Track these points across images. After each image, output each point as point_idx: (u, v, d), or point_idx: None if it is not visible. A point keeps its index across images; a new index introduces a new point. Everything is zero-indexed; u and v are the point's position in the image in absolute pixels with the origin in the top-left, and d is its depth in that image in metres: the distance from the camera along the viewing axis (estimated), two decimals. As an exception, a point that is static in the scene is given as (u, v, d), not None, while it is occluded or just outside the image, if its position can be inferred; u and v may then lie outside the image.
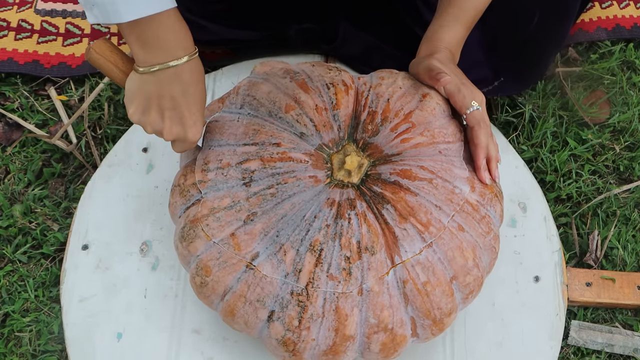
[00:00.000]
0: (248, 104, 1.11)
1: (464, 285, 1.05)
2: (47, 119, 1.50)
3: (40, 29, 1.60)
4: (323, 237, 1.00)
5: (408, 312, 1.03)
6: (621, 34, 1.59)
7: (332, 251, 1.00)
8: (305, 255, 1.00)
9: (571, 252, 1.37)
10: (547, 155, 1.43)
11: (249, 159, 1.05)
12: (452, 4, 1.15)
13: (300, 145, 1.07)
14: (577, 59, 1.57)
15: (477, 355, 1.24)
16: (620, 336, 1.29)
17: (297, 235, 1.01)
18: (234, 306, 1.04)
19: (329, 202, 1.03)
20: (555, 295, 1.29)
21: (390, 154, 1.07)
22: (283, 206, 1.02)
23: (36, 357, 1.27)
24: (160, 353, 1.23)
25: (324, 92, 1.11)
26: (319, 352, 1.03)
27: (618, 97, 1.52)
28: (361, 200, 1.04)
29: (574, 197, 1.41)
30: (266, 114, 1.09)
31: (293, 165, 1.04)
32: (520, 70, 1.41)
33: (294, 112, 1.08)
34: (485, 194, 1.08)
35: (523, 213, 1.35)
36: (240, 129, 1.08)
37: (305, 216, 1.01)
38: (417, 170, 1.05)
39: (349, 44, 1.46)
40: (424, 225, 1.01)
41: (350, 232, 1.01)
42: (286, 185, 1.03)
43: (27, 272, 1.34)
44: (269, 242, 1.01)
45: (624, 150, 1.47)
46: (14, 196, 1.42)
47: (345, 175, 1.06)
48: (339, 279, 0.99)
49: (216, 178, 1.05)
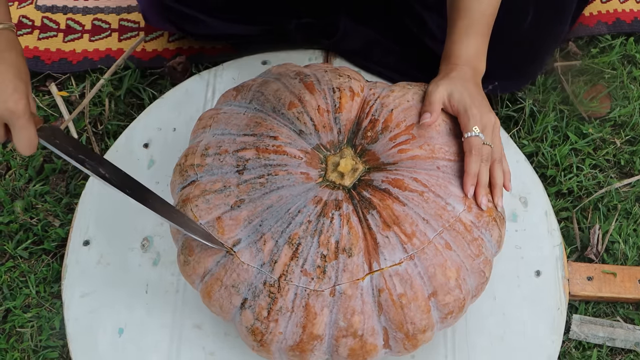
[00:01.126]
0: (256, 99, 1.14)
1: (442, 304, 1.03)
2: (48, 114, 1.50)
3: (41, 25, 1.60)
4: (303, 232, 1.01)
5: (381, 321, 1.02)
6: (621, 28, 1.59)
7: (309, 247, 1.00)
8: (283, 247, 1.01)
9: (572, 247, 1.37)
10: (548, 150, 1.43)
11: (245, 148, 1.07)
12: (461, 16, 1.15)
13: (297, 142, 1.08)
14: (578, 53, 1.57)
15: (479, 349, 1.24)
16: (622, 330, 1.29)
17: (279, 227, 1.02)
18: (211, 289, 1.05)
19: (316, 199, 1.04)
20: (556, 289, 1.29)
21: (386, 163, 1.08)
22: (270, 197, 1.04)
23: (38, 352, 1.27)
24: (161, 348, 1.23)
25: (329, 95, 1.12)
26: (285, 346, 1.03)
27: (618, 91, 1.52)
28: (348, 202, 1.04)
29: (574, 191, 1.41)
30: (270, 109, 1.12)
31: (286, 160, 1.06)
32: (516, 68, 1.41)
33: (295, 110, 1.10)
34: (481, 216, 1.06)
35: (524, 207, 1.35)
36: (243, 120, 1.11)
37: (290, 210, 1.02)
38: (409, 181, 1.05)
39: (349, 38, 1.46)
40: (408, 236, 1.01)
41: (331, 231, 1.01)
42: (276, 177, 1.05)
43: (28, 267, 1.34)
44: (251, 231, 1.02)
45: (624, 144, 1.47)
46: (15, 192, 1.42)
47: (338, 177, 1.07)
48: (313, 275, 1.00)
49: (213, 163, 1.08)
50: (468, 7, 1.14)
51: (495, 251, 1.10)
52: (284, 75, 1.17)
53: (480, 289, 1.10)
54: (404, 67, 1.45)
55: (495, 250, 1.10)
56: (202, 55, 1.55)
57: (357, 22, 1.45)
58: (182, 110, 1.45)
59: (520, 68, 1.41)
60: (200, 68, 1.53)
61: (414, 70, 1.43)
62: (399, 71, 1.45)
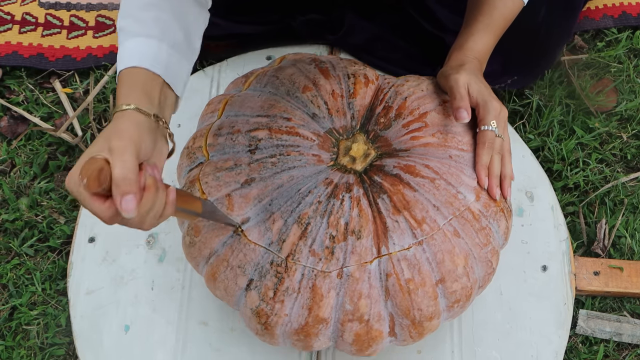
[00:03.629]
0: (271, 83, 1.14)
1: (450, 291, 1.03)
2: (52, 111, 1.50)
3: (45, 22, 1.60)
4: (312, 212, 1.01)
5: (387, 307, 1.02)
6: (627, 22, 1.58)
7: (318, 227, 1.00)
8: (292, 226, 1.00)
9: (579, 241, 1.36)
10: (554, 144, 1.43)
11: (258, 128, 1.07)
12: (483, 12, 1.15)
13: (310, 124, 1.08)
14: (584, 46, 1.56)
15: (485, 344, 1.24)
16: (629, 325, 1.29)
17: (289, 207, 1.01)
18: (216, 270, 1.05)
19: (327, 181, 1.03)
20: (563, 284, 1.28)
21: (398, 149, 1.08)
22: (281, 176, 1.03)
23: (44, 350, 1.28)
24: (167, 345, 1.23)
25: (344, 80, 1.13)
26: (290, 329, 1.02)
27: (625, 85, 1.51)
28: (359, 186, 1.04)
29: (581, 185, 1.41)
30: (285, 92, 1.12)
31: (299, 141, 1.06)
32: (528, 64, 1.40)
33: (309, 93, 1.11)
34: (490, 206, 1.06)
35: (530, 202, 1.35)
36: (257, 103, 1.11)
37: (300, 190, 1.02)
38: (420, 168, 1.04)
39: (354, 34, 1.46)
40: (418, 222, 1.01)
41: (340, 212, 1.01)
42: (288, 157, 1.05)
43: (34, 265, 1.34)
44: (261, 209, 1.02)
45: (631, 139, 1.47)
46: (20, 189, 1.42)
47: (350, 161, 1.07)
48: (321, 256, 0.99)
49: (225, 142, 1.08)
50: (493, 6, 1.15)
51: (502, 242, 1.10)
52: (299, 61, 1.17)
53: (487, 280, 1.09)
54: (409, 62, 1.45)
55: (502, 242, 1.10)
56: (206, 52, 1.54)
57: (362, 17, 1.45)
58: (187, 106, 1.44)
59: (532, 63, 1.40)
60: (205, 64, 1.53)
61: (419, 66, 1.43)
62: (404, 67, 1.44)
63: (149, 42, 0.95)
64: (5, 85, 1.53)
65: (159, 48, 0.96)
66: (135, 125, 0.87)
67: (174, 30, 0.99)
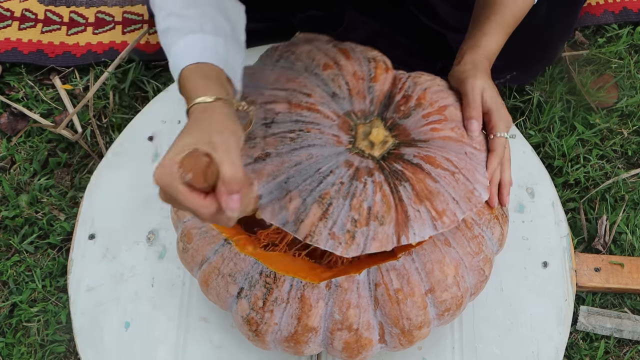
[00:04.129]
0: (285, 58, 1.07)
1: (439, 301, 1.02)
2: (52, 108, 1.50)
3: (44, 18, 1.60)
4: (335, 192, 0.95)
5: (377, 316, 1.01)
6: (628, 17, 1.58)
7: (340, 209, 0.94)
8: (311, 206, 0.94)
9: (579, 238, 1.36)
10: (555, 140, 1.43)
11: (276, 101, 1.00)
12: (495, 11, 1.13)
13: (330, 103, 1.03)
14: (584, 42, 1.56)
15: (486, 340, 1.23)
16: (629, 321, 1.29)
17: (308, 185, 0.95)
18: (209, 277, 1.05)
19: (348, 163, 0.98)
20: (563, 280, 1.28)
21: (417, 139, 1.04)
22: (300, 153, 0.96)
23: (44, 347, 1.27)
24: (168, 342, 1.23)
25: (365, 63, 1.08)
26: (280, 337, 1.03)
27: (626, 81, 1.51)
28: (379, 172, 0.99)
29: (582, 182, 1.41)
30: (302, 68, 1.05)
31: (319, 119, 1.00)
32: (529, 60, 1.40)
33: (331, 72, 1.05)
34: (483, 214, 1.05)
35: (531, 198, 1.34)
36: (271, 76, 1.04)
37: (321, 169, 0.96)
38: (441, 160, 1.01)
39: (354, 30, 1.46)
40: (439, 213, 0.97)
41: (364, 195, 0.95)
42: (308, 134, 0.98)
43: (34, 262, 1.34)
44: (275, 187, 0.95)
45: (632, 135, 1.46)
46: (20, 186, 1.42)
47: (368, 146, 1.01)
48: (341, 240, 0.94)
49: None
50: (505, 4, 1.14)
51: (496, 249, 1.09)
52: (315, 39, 1.11)
53: (479, 287, 1.09)
54: (409, 59, 1.44)
55: (496, 249, 1.09)
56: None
57: (362, 13, 1.44)
58: (187, 102, 1.44)
59: (533, 60, 1.40)
60: (205, 60, 1.52)
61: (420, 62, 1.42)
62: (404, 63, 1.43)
63: (205, 38, 0.94)
64: (5, 82, 1.53)
65: (216, 43, 0.94)
66: (227, 117, 0.85)
67: (223, 25, 0.97)
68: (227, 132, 0.82)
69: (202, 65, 0.91)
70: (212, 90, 0.87)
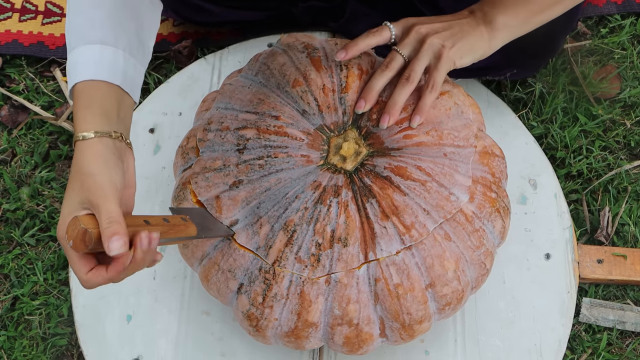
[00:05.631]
0: (262, 72, 1.11)
1: (440, 295, 1.02)
2: (53, 100, 1.49)
3: (45, 10, 1.59)
4: (299, 219, 1.00)
5: (377, 311, 1.02)
6: (631, 8, 1.57)
7: (304, 234, 0.99)
8: (278, 232, 1.00)
9: (582, 229, 1.36)
10: (557, 132, 1.42)
11: (247, 127, 1.06)
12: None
13: (299, 122, 1.06)
14: (587, 33, 1.55)
15: (488, 332, 1.23)
16: (632, 313, 1.29)
17: (275, 212, 1.00)
18: (209, 272, 1.05)
19: (315, 184, 1.02)
20: (566, 272, 1.28)
21: (390, 148, 1.05)
22: (269, 179, 1.02)
23: (46, 340, 1.27)
24: (170, 334, 1.23)
25: (336, 72, 1.09)
26: (281, 332, 1.03)
27: (628, 71, 1.50)
28: (348, 189, 1.02)
29: (584, 173, 1.40)
30: (275, 85, 1.09)
31: (287, 141, 1.04)
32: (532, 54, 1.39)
33: (299, 89, 1.08)
34: (484, 207, 1.05)
35: (533, 190, 1.34)
36: (247, 95, 1.09)
37: (288, 194, 1.01)
38: (412, 170, 1.02)
39: (356, 21, 1.45)
40: (407, 228, 0.99)
41: (327, 219, 1.00)
42: (276, 159, 1.03)
43: (35, 255, 1.34)
44: (249, 212, 1.01)
45: (634, 126, 1.46)
46: (21, 179, 1.41)
47: (340, 160, 1.05)
48: (307, 263, 0.99)
49: (214, 139, 1.06)
50: None
51: (497, 242, 1.09)
52: (292, 47, 1.14)
53: (480, 281, 1.09)
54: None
55: (497, 242, 1.09)
56: (207, 39, 1.54)
57: (364, 4, 1.44)
58: (188, 94, 1.44)
59: (535, 53, 1.39)
60: (206, 52, 1.52)
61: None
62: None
63: (104, 51, 0.92)
64: (6, 74, 1.53)
65: (115, 55, 0.93)
66: (103, 160, 0.86)
67: (128, 32, 0.96)
68: (101, 177, 0.84)
69: (91, 84, 0.91)
70: (90, 122, 0.88)
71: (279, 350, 1.21)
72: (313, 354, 1.22)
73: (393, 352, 1.22)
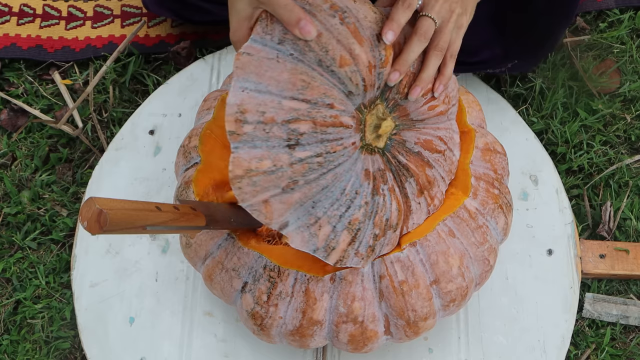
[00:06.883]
0: (291, 42, 0.89)
1: (445, 292, 1.02)
2: (52, 103, 1.49)
3: (43, 13, 1.59)
4: (362, 215, 0.92)
5: (382, 308, 1.01)
6: (630, 2, 1.56)
7: (366, 229, 0.94)
8: (341, 232, 0.91)
9: (584, 224, 1.36)
10: (558, 127, 1.42)
11: (299, 119, 0.87)
12: None
13: (347, 106, 0.92)
14: (586, 28, 1.55)
15: (492, 329, 1.23)
16: (635, 308, 1.28)
17: (336, 211, 0.91)
18: (212, 271, 1.05)
19: (365, 173, 0.94)
20: (568, 268, 1.28)
21: (415, 119, 1.01)
22: (326, 177, 0.90)
23: (49, 343, 1.27)
24: (173, 336, 1.23)
25: (374, 45, 0.94)
26: (285, 330, 1.03)
27: (628, 65, 1.50)
28: (389, 171, 0.98)
29: (585, 168, 1.40)
30: (315, 61, 0.89)
31: (342, 132, 0.91)
32: (531, 48, 1.39)
33: (348, 69, 0.90)
34: (487, 204, 1.05)
35: (535, 186, 1.34)
36: (283, 74, 0.88)
37: (346, 190, 0.91)
38: (437, 143, 1.02)
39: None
40: (432, 198, 1.01)
41: (384, 210, 0.95)
42: (334, 154, 0.90)
43: (37, 258, 1.34)
44: (302, 213, 0.89)
45: (635, 120, 1.46)
46: (22, 182, 1.41)
47: (375, 139, 0.97)
48: (363, 256, 0.95)
49: (254, 133, 0.86)
50: None
51: (500, 239, 1.09)
52: (315, 6, 0.90)
53: (484, 277, 1.09)
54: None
55: (500, 238, 1.09)
56: (206, 40, 1.54)
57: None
58: (188, 95, 1.44)
59: (535, 47, 1.39)
60: (205, 52, 1.52)
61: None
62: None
63: None
64: (5, 78, 1.52)
65: None
66: None
67: None
68: None
69: None
70: None
71: (282, 350, 1.21)
72: (317, 353, 1.22)
73: (397, 351, 1.22)
